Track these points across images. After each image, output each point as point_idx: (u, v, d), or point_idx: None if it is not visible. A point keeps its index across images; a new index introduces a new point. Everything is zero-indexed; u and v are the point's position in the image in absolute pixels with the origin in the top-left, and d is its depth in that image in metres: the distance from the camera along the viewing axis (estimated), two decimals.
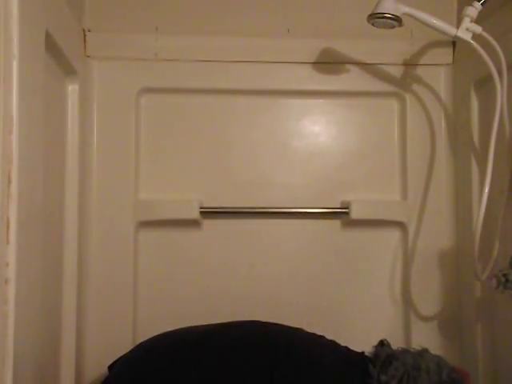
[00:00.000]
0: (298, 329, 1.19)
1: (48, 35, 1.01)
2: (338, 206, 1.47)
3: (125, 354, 1.16)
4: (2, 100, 0.79)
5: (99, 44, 1.42)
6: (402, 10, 1.21)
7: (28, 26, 0.87)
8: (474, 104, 1.38)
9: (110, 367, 1.18)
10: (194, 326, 1.20)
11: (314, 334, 1.19)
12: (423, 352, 1.11)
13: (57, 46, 1.10)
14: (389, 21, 1.21)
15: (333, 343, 1.18)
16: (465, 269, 1.42)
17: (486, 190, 1.16)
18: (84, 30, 1.41)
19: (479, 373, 1.33)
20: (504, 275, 1.11)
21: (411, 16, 1.22)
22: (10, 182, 0.80)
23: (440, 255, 1.46)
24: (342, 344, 1.18)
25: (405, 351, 1.12)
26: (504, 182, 1.19)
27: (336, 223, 1.49)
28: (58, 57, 1.15)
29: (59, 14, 1.14)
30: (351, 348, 1.17)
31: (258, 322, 1.19)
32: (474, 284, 1.35)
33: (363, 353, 1.15)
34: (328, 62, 1.47)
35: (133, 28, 1.45)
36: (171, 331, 1.19)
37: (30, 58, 0.88)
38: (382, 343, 1.15)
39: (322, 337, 1.19)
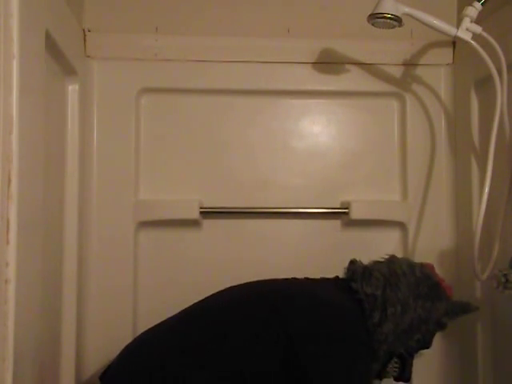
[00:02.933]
0: (284, 279, 1.22)
1: (48, 35, 1.01)
2: (338, 206, 1.47)
3: (113, 362, 1.13)
4: (2, 100, 0.80)
5: (99, 44, 1.42)
6: (402, 10, 1.21)
7: (28, 26, 0.87)
8: (474, 104, 1.38)
9: (102, 378, 1.13)
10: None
11: (294, 278, 1.22)
12: (392, 258, 1.22)
13: (57, 46, 1.10)
14: (389, 21, 1.21)
15: (314, 280, 1.22)
16: (465, 269, 1.42)
17: (486, 190, 1.16)
18: (84, 30, 1.41)
19: (479, 373, 1.33)
20: (504, 275, 1.11)
21: (411, 16, 1.22)
22: (9, 181, 0.80)
23: (440, 255, 1.46)
24: None
25: (376, 262, 1.21)
26: (504, 182, 1.19)
27: (336, 223, 1.49)
28: (58, 57, 1.15)
29: (59, 13, 1.14)
30: None
31: (248, 283, 1.21)
32: (474, 284, 1.35)
33: (337, 276, 1.22)
34: (328, 62, 1.46)
35: (133, 28, 1.45)
36: (153, 326, 1.17)
37: (30, 57, 0.88)
38: (353, 261, 1.22)
39: (301, 278, 1.23)
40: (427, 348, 1.21)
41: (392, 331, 1.10)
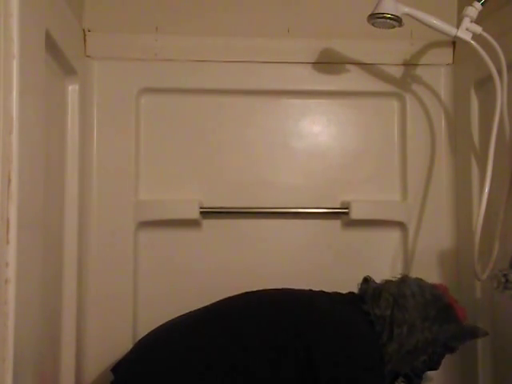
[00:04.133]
0: (302, 291, 1.24)
1: (48, 35, 1.01)
2: (338, 206, 1.47)
3: (127, 355, 1.14)
4: (2, 100, 0.79)
5: (99, 44, 1.42)
6: (402, 10, 1.21)
7: (28, 26, 0.87)
8: (474, 104, 1.38)
9: (114, 370, 1.13)
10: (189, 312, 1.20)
11: (310, 290, 1.24)
12: (404, 278, 1.20)
13: (57, 46, 1.10)
14: (389, 21, 1.21)
15: (330, 295, 1.23)
16: (465, 269, 1.42)
17: (486, 190, 1.16)
18: (84, 30, 1.41)
19: (479, 373, 1.33)
20: (504, 275, 1.11)
21: (411, 16, 1.22)
22: (9, 181, 0.80)
23: (440, 255, 1.46)
24: None
25: (387, 282, 1.20)
26: (504, 182, 1.19)
27: (336, 223, 1.49)
28: (57, 57, 1.15)
29: (59, 14, 1.14)
30: None
31: (266, 293, 1.22)
32: (474, 284, 1.35)
33: (353, 293, 1.22)
34: (328, 62, 1.46)
35: (133, 28, 1.45)
36: (168, 321, 1.18)
37: (30, 57, 0.88)
38: (366, 280, 1.21)
39: (318, 292, 1.23)
40: (435, 369, 1.20)
41: (396, 351, 1.10)
